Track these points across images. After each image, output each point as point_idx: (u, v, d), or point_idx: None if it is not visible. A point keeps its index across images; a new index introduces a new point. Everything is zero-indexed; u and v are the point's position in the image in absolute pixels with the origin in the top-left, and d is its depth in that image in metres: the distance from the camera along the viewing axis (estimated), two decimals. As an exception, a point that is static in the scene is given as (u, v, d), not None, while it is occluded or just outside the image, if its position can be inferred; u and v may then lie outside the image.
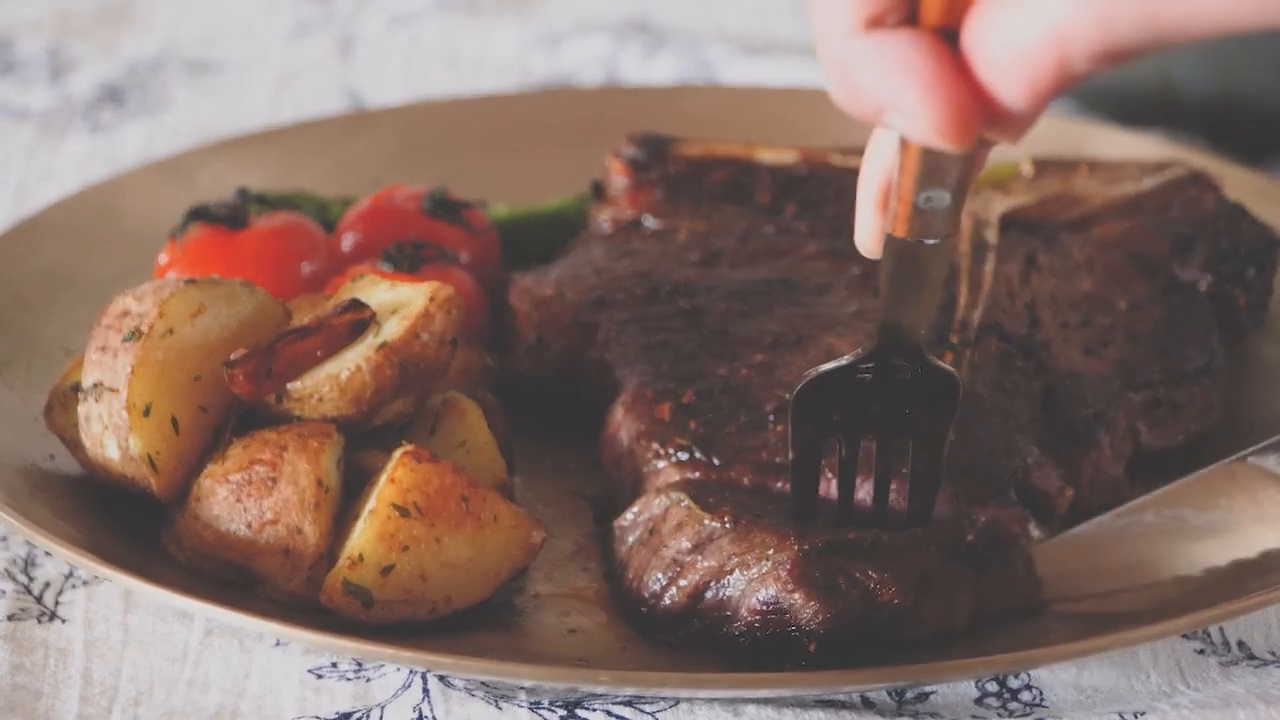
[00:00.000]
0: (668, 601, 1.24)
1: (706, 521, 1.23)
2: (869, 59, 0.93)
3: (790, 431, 1.22)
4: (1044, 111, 0.94)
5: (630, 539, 1.27)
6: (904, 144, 1.01)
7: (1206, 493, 1.28)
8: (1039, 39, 0.88)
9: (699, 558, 1.23)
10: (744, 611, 1.21)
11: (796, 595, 1.19)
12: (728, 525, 1.23)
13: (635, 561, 1.26)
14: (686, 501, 1.25)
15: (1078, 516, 1.35)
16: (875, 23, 0.94)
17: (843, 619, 1.19)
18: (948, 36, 0.93)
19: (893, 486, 1.24)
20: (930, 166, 1.01)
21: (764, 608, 1.20)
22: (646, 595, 1.24)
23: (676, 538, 1.24)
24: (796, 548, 1.20)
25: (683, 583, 1.23)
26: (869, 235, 1.10)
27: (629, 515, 1.28)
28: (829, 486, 1.25)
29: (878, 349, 1.18)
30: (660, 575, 1.24)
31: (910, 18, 0.94)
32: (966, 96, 0.92)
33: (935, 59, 0.92)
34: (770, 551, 1.21)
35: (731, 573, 1.22)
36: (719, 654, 1.23)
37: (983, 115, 0.92)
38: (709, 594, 1.22)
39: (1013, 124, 0.93)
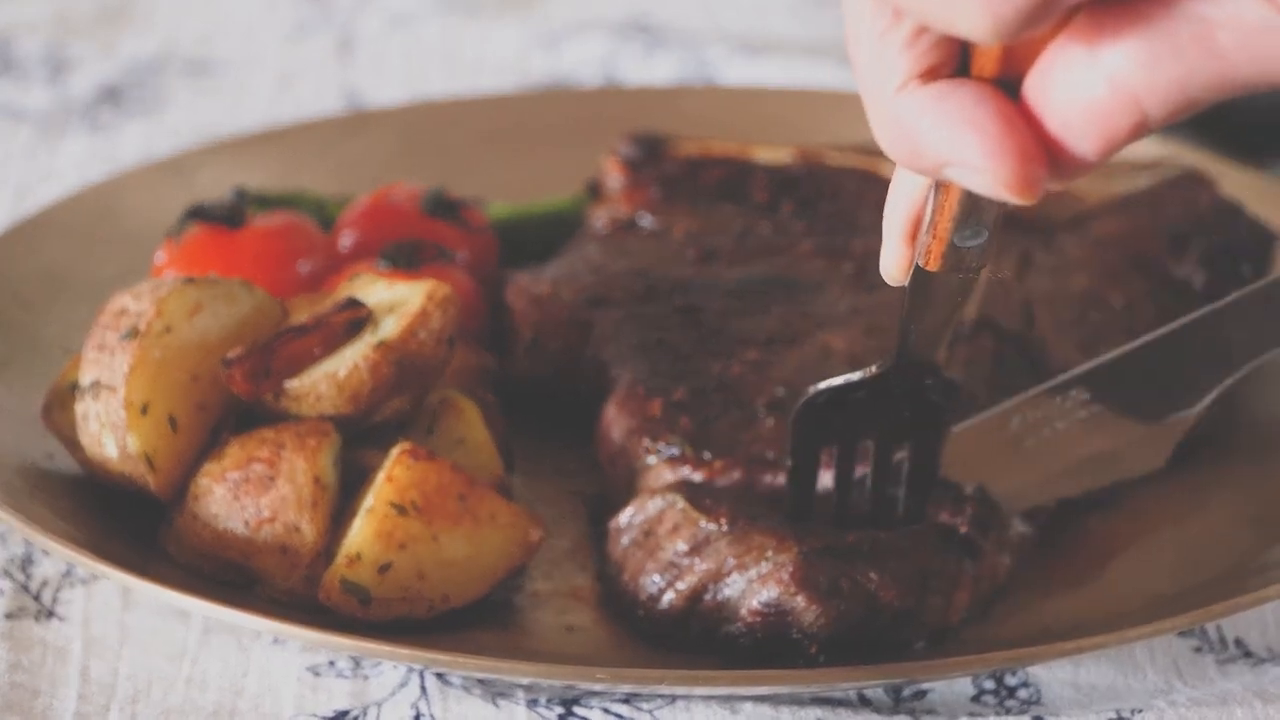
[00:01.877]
0: (665, 604, 1.24)
1: (703, 524, 1.23)
2: (929, 114, 0.89)
3: (790, 440, 1.22)
4: None
5: (625, 540, 1.27)
6: (943, 184, 0.98)
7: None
8: (1114, 97, 0.85)
9: (696, 560, 1.23)
10: (744, 613, 1.21)
11: (799, 598, 1.19)
12: (724, 527, 1.23)
13: (631, 564, 1.26)
14: (682, 503, 1.25)
15: (1071, 513, 1.35)
16: (930, 75, 0.90)
17: (845, 622, 1.19)
18: (1004, 87, 0.89)
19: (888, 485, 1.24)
20: (970, 207, 0.98)
21: (765, 610, 1.20)
22: (643, 598, 1.24)
23: (673, 540, 1.24)
24: (797, 550, 1.20)
25: (680, 585, 1.23)
26: (896, 266, 1.07)
27: (624, 516, 1.28)
28: (824, 485, 1.25)
29: (891, 369, 1.17)
30: (657, 578, 1.24)
31: (962, 70, 0.90)
32: (1035, 151, 0.88)
33: (1000, 113, 0.88)
34: (770, 553, 1.21)
35: (730, 575, 1.22)
36: (717, 654, 1.23)
37: (1050, 168, 0.88)
38: (707, 596, 1.22)
39: (1078, 172, 0.89)
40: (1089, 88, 0.86)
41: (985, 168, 0.88)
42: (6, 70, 2.03)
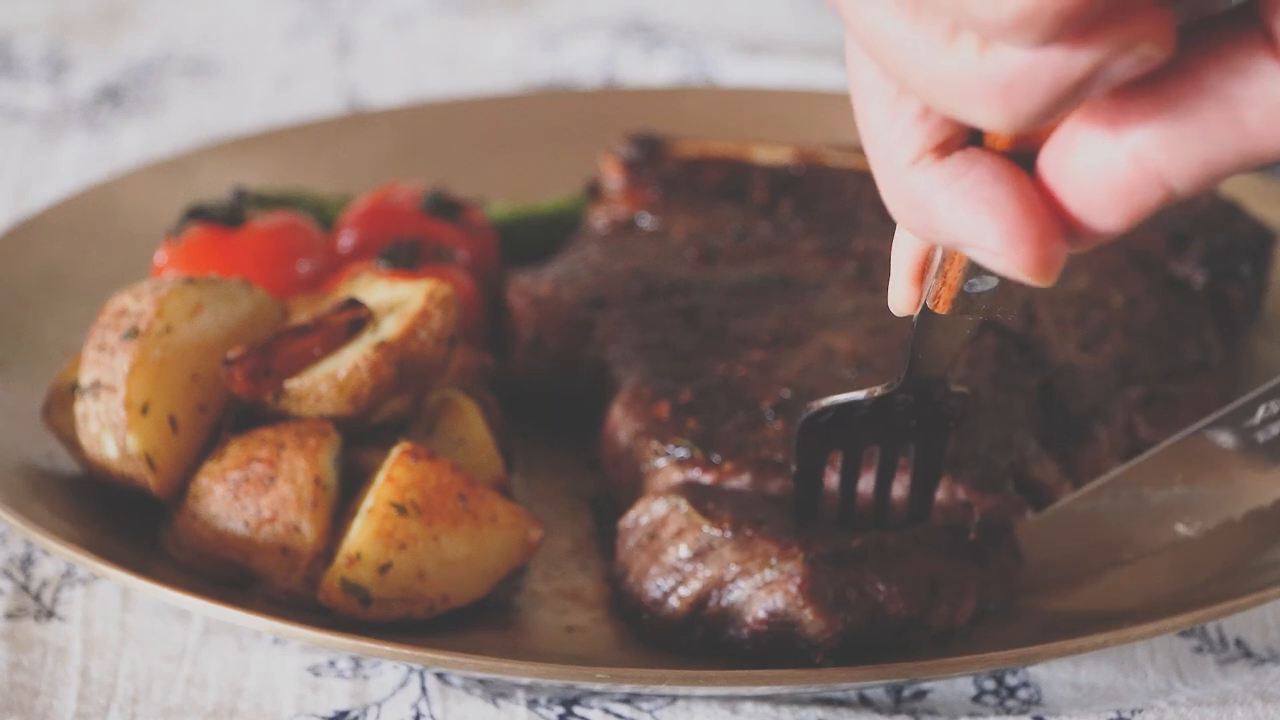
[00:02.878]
0: (669, 608, 1.23)
1: (706, 529, 1.23)
2: (945, 193, 0.87)
3: (795, 450, 1.22)
4: None
5: (630, 542, 1.27)
6: None
7: (1162, 470, 1.27)
8: (1139, 175, 0.83)
9: (699, 565, 1.23)
10: (749, 620, 1.21)
11: (806, 610, 1.19)
12: (727, 533, 1.23)
13: (635, 567, 1.26)
14: (685, 507, 1.25)
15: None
16: (944, 149, 0.87)
17: (851, 631, 1.19)
18: (1018, 158, 0.87)
19: (892, 485, 1.24)
20: None
21: (770, 618, 1.20)
22: (647, 601, 1.24)
23: (676, 544, 1.24)
24: (803, 558, 1.20)
25: (684, 591, 1.23)
26: (905, 303, 1.05)
27: (630, 518, 1.27)
28: (830, 485, 1.25)
29: (899, 390, 1.17)
30: (661, 582, 1.24)
31: (974, 139, 0.87)
32: (1054, 232, 0.85)
33: (1019, 194, 0.85)
34: (773, 560, 1.21)
35: (733, 581, 1.21)
36: (721, 658, 1.23)
37: (1069, 241, 0.86)
38: (711, 601, 1.22)
39: (1099, 241, 0.87)
40: (1111, 165, 0.84)
41: (1003, 253, 0.86)
42: (6, 70, 2.03)
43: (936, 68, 0.81)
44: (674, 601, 1.23)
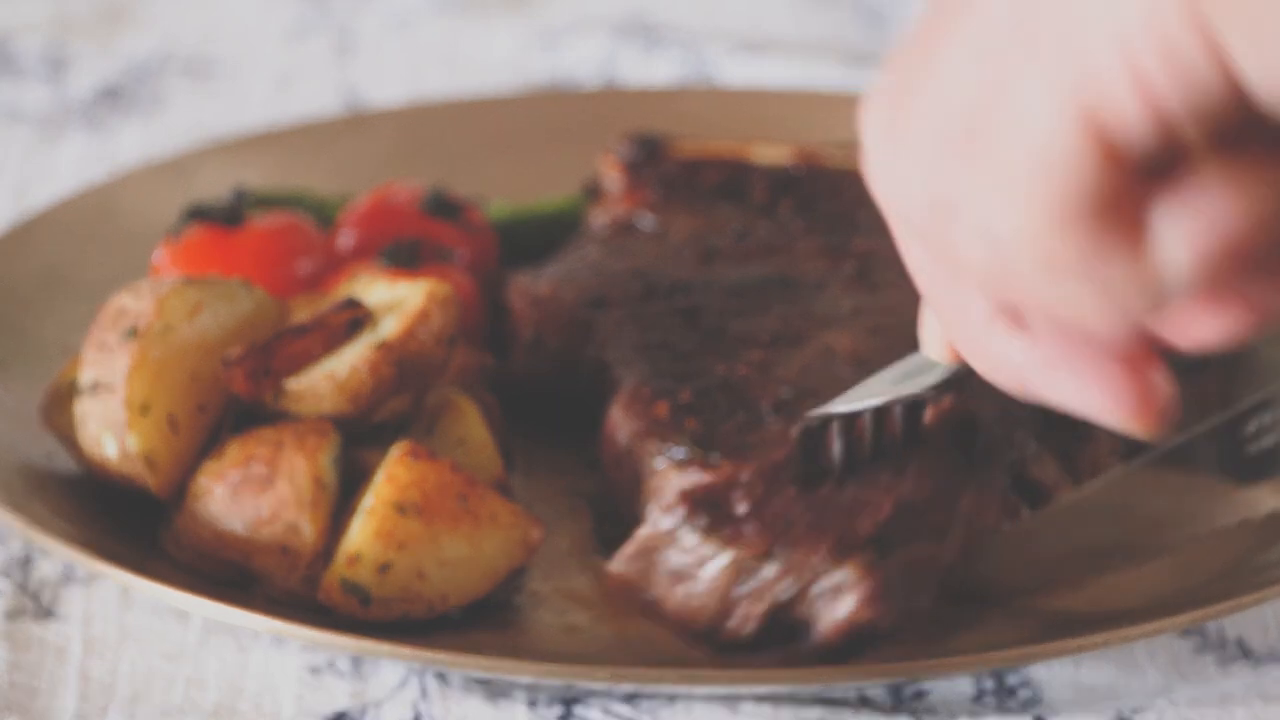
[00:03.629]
0: (734, 629, 1.20)
1: (730, 551, 1.21)
2: (1035, 360, 0.83)
3: (795, 446, 1.22)
4: None
5: (653, 569, 1.23)
6: None
7: (1151, 480, 1.28)
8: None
9: (738, 587, 1.20)
10: (817, 638, 1.18)
11: (884, 616, 1.17)
12: (761, 551, 1.20)
13: (673, 598, 1.22)
14: (703, 526, 1.21)
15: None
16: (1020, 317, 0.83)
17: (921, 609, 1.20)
18: None
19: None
20: None
21: (843, 626, 1.18)
22: (704, 630, 1.21)
23: (705, 568, 1.21)
24: (858, 563, 1.18)
25: (740, 613, 1.20)
26: (941, 357, 1.04)
27: (631, 546, 1.24)
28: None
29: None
30: (709, 609, 1.20)
31: None
32: (1159, 380, 0.83)
33: (1120, 357, 0.83)
34: (824, 567, 1.18)
35: (790, 600, 1.19)
36: (722, 656, 1.22)
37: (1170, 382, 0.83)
38: (770, 620, 1.20)
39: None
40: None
41: (1114, 417, 0.84)
42: (6, 70, 2.03)
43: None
44: (729, 626, 1.19)
